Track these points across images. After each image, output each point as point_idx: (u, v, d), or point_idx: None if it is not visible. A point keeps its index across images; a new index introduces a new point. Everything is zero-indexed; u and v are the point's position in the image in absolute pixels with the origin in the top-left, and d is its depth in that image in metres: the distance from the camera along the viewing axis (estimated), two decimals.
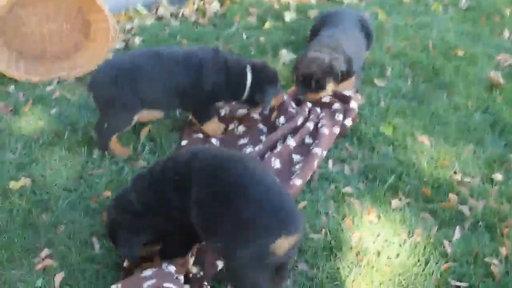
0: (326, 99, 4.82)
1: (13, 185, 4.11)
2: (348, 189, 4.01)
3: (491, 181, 4.04)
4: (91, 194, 4.06)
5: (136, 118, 4.40)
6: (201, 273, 3.42)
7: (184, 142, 4.52)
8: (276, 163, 4.19)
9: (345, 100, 4.77)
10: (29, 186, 4.11)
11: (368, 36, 5.37)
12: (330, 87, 4.81)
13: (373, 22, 5.92)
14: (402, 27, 5.87)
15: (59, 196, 4.03)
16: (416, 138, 4.42)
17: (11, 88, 5.25)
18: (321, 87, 4.77)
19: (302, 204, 3.88)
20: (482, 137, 4.44)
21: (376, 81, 5.08)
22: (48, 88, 5.24)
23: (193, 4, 6.42)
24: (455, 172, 4.10)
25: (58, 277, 3.44)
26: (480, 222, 3.71)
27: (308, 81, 4.75)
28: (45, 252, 3.62)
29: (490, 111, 4.74)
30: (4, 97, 5.15)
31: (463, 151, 4.29)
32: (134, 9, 6.33)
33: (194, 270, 3.42)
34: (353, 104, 4.69)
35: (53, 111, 4.91)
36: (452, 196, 3.87)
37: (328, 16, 5.44)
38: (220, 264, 3.43)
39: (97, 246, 3.66)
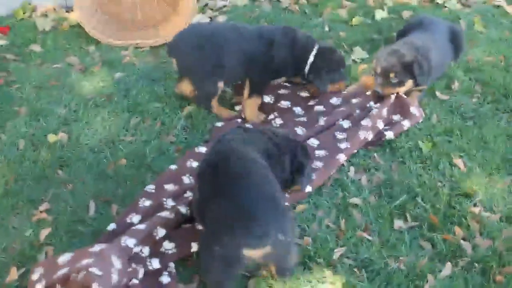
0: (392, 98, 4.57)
1: (51, 137, 4.41)
2: (356, 200, 3.82)
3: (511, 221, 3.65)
4: (112, 160, 4.22)
5: (221, 84, 4.60)
6: (174, 250, 3.46)
7: (219, 124, 4.54)
8: None
9: (403, 112, 4.50)
10: (64, 141, 4.38)
11: (457, 47, 5.04)
12: (409, 84, 4.56)
13: (466, 31, 5.52)
14: (494, 41, 5.39)
15: (82, 156, 4.25)
16: (452, 160, 4.09)
17: (91, 48, 5.56)
18: (400, 82, 4.54)
19: (302, 206, 3.77)
20: None
21: (438, 93, 4.74)
22: (123, 53, 5.47)
23: None
24: (475, 204, 3.75)
25: (44, 232, 3.64)
26: (477, 264, 3.37)
27: (387, 75, 4.53)
28: (45, 206, 3.84)
29: None
30: (83, 55, 5.49)
31: (497, 184, 3.90)
32: None
33: (167, 245, 3.46)
34: (406, 123, 4.41)
35: (117, 75, 5.14)
36: (458, 230, 3.56)
37: (417, 21, 5.15)
38: (194, 246, 3.43)
39: (92, 210, 3.81)
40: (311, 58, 4.59)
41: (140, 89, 4.90)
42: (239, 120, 4.59)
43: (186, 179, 4.00)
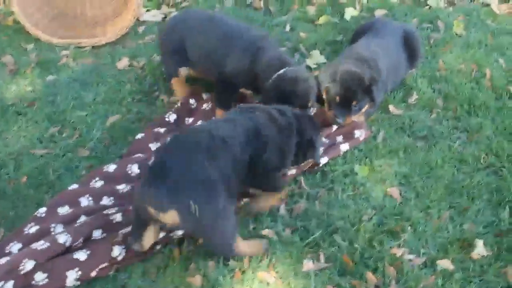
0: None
1: None
2: (267, 233, 3.31)
3: (435, 267, 3.09)
4: (13, 175, 3.83)
5: (183, 72, 4.40)
6: (46, 280, 3.09)
7: (139, 136, 4.14)
8: None
9: (346, 134, 3.99)
10: None
11: (412, 55, 4.43)
12: (367, 106, 4.03)
13: (443, 34, 4.92)
14: (471, 46, 4.75)
15: None
16: (387, 189, 3.54)
17: (30, 46, 5.18)
18: (360, 108, 3.99)
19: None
20: (470, 206, 3.42)
21: (392, 107, 4.18)
22: (63, 53, 5.09)
23: None
24: (400, 245, 3.20)
25: None
26: None
27: (348, 102, 3.94)
28: None
29: (502, 175, 3.64)
30: (19, 54, 5.13)
31: (432, 219, 3.35)
32: None
33: (38, 276, 3.09)
34: (344, 146, 3.88)
35: (49, 77, 4.77)
36: (371, 276, 3.02)
37: (368, 25, 4.59)
38: (70, 275, 3.08)
39: None
40: (270, 83, 3.91)
41: (68, 95, 4.53)
42: (161, 130, 4.18)
43: (85, 201, 3.58)
